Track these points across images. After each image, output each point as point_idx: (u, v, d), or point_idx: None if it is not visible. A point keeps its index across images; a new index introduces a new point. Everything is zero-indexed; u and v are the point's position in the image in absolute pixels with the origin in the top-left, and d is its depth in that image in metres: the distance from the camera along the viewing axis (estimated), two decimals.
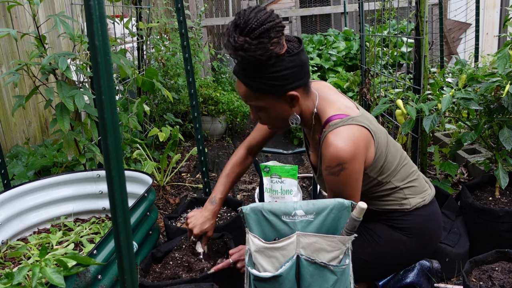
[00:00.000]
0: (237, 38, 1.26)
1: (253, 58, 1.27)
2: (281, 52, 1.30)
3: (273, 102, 1.39)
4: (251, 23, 1.25)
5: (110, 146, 0.92)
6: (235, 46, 1.26)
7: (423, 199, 1.56)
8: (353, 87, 4.28)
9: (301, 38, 1.39)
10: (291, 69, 1.33)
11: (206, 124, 4.42)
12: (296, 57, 1.33)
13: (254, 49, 1.25)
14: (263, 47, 1.25)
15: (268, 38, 1.25)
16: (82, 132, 2.35)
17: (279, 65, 1.31)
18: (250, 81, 1.35)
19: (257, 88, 1.35)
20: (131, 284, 1.03)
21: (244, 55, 1.26)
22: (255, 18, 1.25)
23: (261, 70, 1.31)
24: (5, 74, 2.16)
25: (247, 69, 1.33)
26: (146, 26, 3.73)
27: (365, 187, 1.51)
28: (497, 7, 6.65)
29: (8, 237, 1.99)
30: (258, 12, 1.27)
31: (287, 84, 1.34)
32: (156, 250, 1.85)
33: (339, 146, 1.34)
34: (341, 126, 1.37)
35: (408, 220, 1.53)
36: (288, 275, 1.29)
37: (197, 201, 2.39)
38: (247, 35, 1.25)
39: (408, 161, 1.59)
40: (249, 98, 1.40)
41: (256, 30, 1.25)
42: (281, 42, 1.30)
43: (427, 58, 2.36)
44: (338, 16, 7.80)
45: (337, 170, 1.36)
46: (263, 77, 1.32)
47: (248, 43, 1.25)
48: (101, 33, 0.86)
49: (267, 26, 1.25)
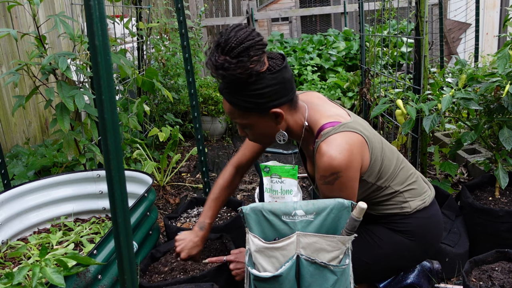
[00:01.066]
0: (217, 57, 1.28)
1: (234, 76, 1.28)
2: (262, 69, 1.30)
3: (257, 120, 1.39)
4: (230, 42, 1.26)
5: (110, 146, 0.92)
6: (216, 65, 1.28)
7: (423, 201, 1.55)
8: (353, 87, 4.28)
9: (284, 55, 1.39)
10: (273, 86, 1.33)
11: (206, 124, 4.42)
12: (278, 74, 1.33)
13: (233, 68, 1.26)
14: (242, 65, 1.26)
15: (248, 57, 1.26)
16: (82, 132, 2.36)
17: (260, 82, 1.31)
18: (233, 99, 1.36)
19: (240, 106, 1.36)
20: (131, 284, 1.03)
21: (225, 74, 1.28)
22: (235, 37, 1.27)
23: (243, 88, 1.32)
24: (5, 74, 2.16)
25: (229, 87, 1.34)
26: (146, 26, 3.73)
27: (364, 193, 1.50)
28: (497, 7, 6.66)
29: (8, 237, 1.99)
30: (238, 31, 1.28)
31: (269, 102, 1.34)
32: (155, 250, 1.85)
33: (332, 155, 1.33)
34: (333, 134, 1.36)
35: (409, 223, 1.53)
36: (288, 275, 1.29)
37: (197, 201, 2.40)
38: (227, 54, 1.27)
39: (406, 163, 1.58)
40: (234, 116, 1.41)
41: (236, 49, 1.26)
42: (261, 60, 1.30)
43: (427, 58, 2.36)
44: (338, 16, 7.81)
45: (331, 179, 1.35)
46: (244, 95, 1.33)
47: (228, 62, 1.26)
48: (101, 33, 0.86)
49: (246, 45, 1.26)
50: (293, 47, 5.68)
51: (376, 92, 3.34)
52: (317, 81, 4.82)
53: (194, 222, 2.19)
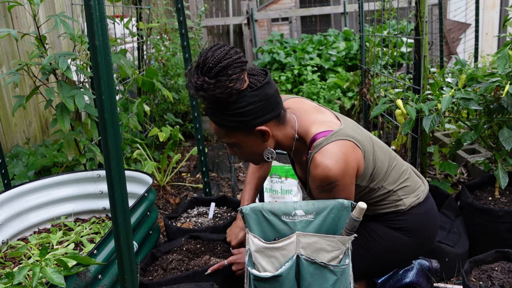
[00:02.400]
0: (197, 78, 1.28)
1: (214, 97, 1.27)
2: (242, 87, 1.29)
3: (243, 138, 1.38)
4: (208, 62, 1.26)
5: (110, 146, 0.92)
6: (196, 87, 1.28)
7: (418, 197, 1.56)
8: (353, 87, 4.28)
9: (267, 71, 1.38)
10: (255, 103, 1.31)
11: (206, 124, 4.42)
12: (260, 91, 1.31)
13: (213, 88, 1.25)
14: (221, 85, 1.25)
15: (226, 76, 1.25)
16: (82, 132, 2.36)
17: (241, 101, 1.30)
18: (217, 119, 1.35)
19: (224, 125, 1.35)
20: (131, 284, 1.03)
21: (205, 94, 1.27)
22: (212, 57, 1.26)
23: (224, 107, 1.31)
24: (6, 74, 2.16)
25: (212, 107, 1.34)
26: (146, 26, 3.73)
27: (358, 195, 1.50)
28: (497, 7, 6.66)
29: (8, 237, 1.99)
30: (215, 50, 1.28)
31: (253, 119, 1.33)
32: (156, 250, 1.86)
33: (328, 166, 1.32)
34: (326, 144, 1.35)
35: (405, 220, 1.54)
36: (288, 275, 1.29)
37: (197, 201, 2.40)
38: (205, 75, 1.26)
39: (398, 161, 1.58)
40: (220, 135, 1.40)
41: (213, 69, 1.25)
42: (241, 78, 1.29)
43: (427, 58, 2.36)
44: (338, 16, 7.81)
45: (328, 188, 1.35)
46: (227, 114, 1.32)
47: (206, 83, 1.26)
48: (101, 33, 0.86)
49: (223, 64, 1.25)
50: (293, 47, 5.68)
51: (376, 92, 3.34)
52: (317, 81, 4.82)
53: (194, 222, 2.19)
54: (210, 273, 1.63)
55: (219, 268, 1.64)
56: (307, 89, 4.66)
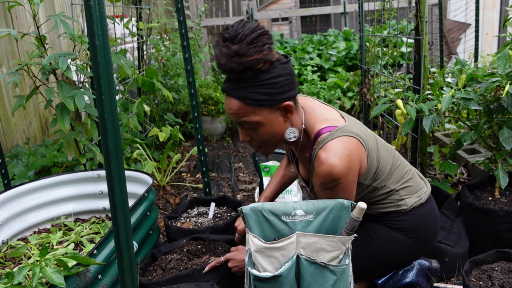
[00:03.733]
0: (230, 46, 1.27)
1: (249, 63, 1.25)
2: (273, 59, 1.31)
3: (267, 116, 1.34)
4: (242, 31, 1.26)
5: (110, 146, 0.92)
6: (229, 54, 1.26)
7: (420, 198, 1.56)
8: (353, 87, 4.28)
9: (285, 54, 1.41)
10: (285, 76, 1.32)
11: (206, 124, 4.42)
12: (286, 65, 1.34)
13: (249, 53, 1.25)
14: (258, 50, 1.26)
15: (262, 43, 1.27)
16: (82, 132, 2.36)
17: (273, 71, 1.30)
18: (244, 93, 1.31)
19: (251, 99, 1.31)
20: (131, 284, 1.03)
21: (240, 60, 1.25)
22: (245, 27, 1.28)
23: (255, 77, 1.29)
24: (6, 74, 2.16)
25: (240, 80, 1.30)
26: (146, 26, 3.73)
27: (360, 194, 1.50)
28: (497, 7, 6.66)
29: (8, 237, 1.99)
30: (244, 23, 1.29)
31: (282, 93, 1.33)
32: (156, 250, 1.86)
33: (333, 163, 1.32)
34: (330, 140, 1.36)
35: (406, 220, 1.54)
36: (288, 275, 1.29)
37: (197, 201, 2.40)
38: (240, 42, 1.26)
39: (401, 161, 1.58)
40: (242, 114, 1.34)
41: (249, 36, 1.26)
42: (272, 49, 1.31)
43: (427, 58, 2.36)
44: (338, 16, 7.81)
45: (332, 185, 1.36)
46: (257, 85, 1.30)
47: (242, 48, 1.25)
48: (101, 33, 0.86)
49: (258, 32, 1.27)
50: (293, 47, 5.68)
51: (376, 92, 3.34)
52: (317, 81, 4.82)
53: (194, 222, 2.19)
54: (208, 271, 1.63)
55: (216, 266, 1.65)
56: (307, 89, 4.66)
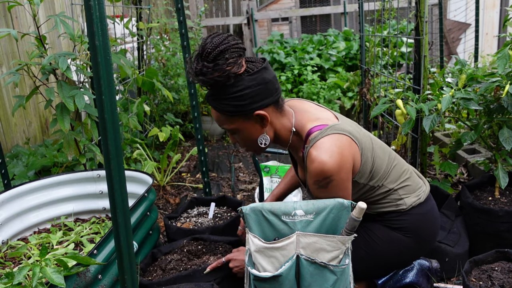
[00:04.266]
0: (196, 64, 1.34)
1: (212, 80, 1.32)
2: (240, 71, 1.34)
3: (242, 124, 1.41)
4: (206, 48, 1.32)
5: (110, 146, 0.92)
6: (195, 72, 1.34)
7: (418, 197, 1.56)
8: (353, 87, 4.28)
9: (266, 59, 1.43)
10: (253, 87, 1.35)
11: (206, 124, 4.42)
12: (256, 75, 1.36)
13: (211, 72, 1.31)
14: (219, 68, 1.31)
15: (224, 59, 1.31)
16: (82, 132, 2.36)
17: (239, 84, 1.34)
18: (217, 104, 1.39)
19: (224, 110, 1.39)
20: (131, 284, 1.03)
21: (204, 78, 1.33)
22: (211, 42, 1.32)
23: (223, 91, 1.36)
24: (6, 74, 2.16)
25: (212, 93, 1.39)
26: (146, 26, 3.73)
27: (358, 193, 1.50)
28: (497, 7, 6.66)
29: (8, 237, 1.99)
30: (214, 37, 1.34)
31: (251, 103, 1.37)
32: (156, 250, 1.86)
33: (323, 160, 1.34)
34: (321, 138, 1.37)
35: (405, 220, 1.54)
36: (288, 275, 1.29)
37: (197, 201, 2.39)
38: (204, 60, 1.32)
39: (399, 160, 1.58)
40: (221, 122, 1.44)
41: (211, 54, 1.31)
42: (238, 63, 1.34)
43: (427, 58, 2.36)
44: (338, 16, 7.81)
45: (325, 183, 1.36)
46: (226, 98, 1.36)
47: (205, 67, 1.32)
48: (101, 33, 0.86)
49: (220, 48, 1.31)
50: (293, 47, 5.68)
51: (376, 92, 3.34)
52: (317, 81, 4.82)
53: (194, 222, 2.19)
54: (209, 271, 1.63)
55: (218, 266, 1.64)
56: (307, 89, 4.66)
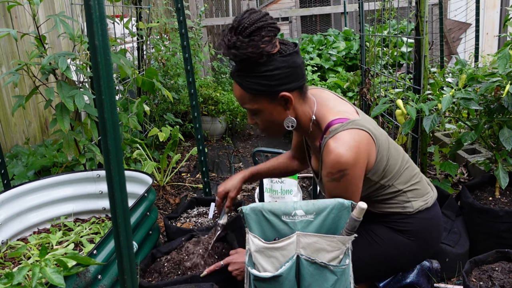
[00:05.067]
0: (230, 37, 1.31)
1: (245, 55, 1.30)
2: (273, 51, 1.33)
3: (266, 104, 1.40)
4: (243, 23, 1.30)
5: (110, 146, 0.92)
6: (228, 45, 1.31)
7: (426, 202, 1.55)
8: (353, 87, 4.28)
9: (297, 43, 1.41)
10: (283, 69, 1.34)
11: (206, 124, 4.42)
12: (288, 58, 1.35)
13: (245, 46, 1.29)
14: (254, 44, 1.29)
15: (259, 36, 1.29)
16: (82, 132, 2.36)
17: (270, 64, 1.33)
18: (244, 81, 1.37)
19: (250, 88, 1.37)
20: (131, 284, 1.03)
21: (236, 52, 1.30)
22: (248, 18, 1.30)
23: (253, 69, 1.34)
24: (5, 74, 2.16)
25: (240, 68, 1.36)
26: (146, 26, 3.73)
27: (367, 190, 1.50)
28: (497, 7, 6.66)
29: (8, 237, 1.99)
30: (252, 13, 1.32)
31: (279, 85, 1.36)
32: (156, 250, 1.85)
33: (340, 152, 1.33)
34: (341, 131, 1.37)
35: (411, 223, 1.53)
36: (288, 275, 1.29)
37: (197, 201, 2.39)
38: (239, 34, 1.30)
39: (411, 163, 1.58)
40: (244, 101, 1.41)
41: (248, 29, 1.29)
42: (272, 42, 1.32)
43: (427, 58, 2.36)
44: (338, 16, 7.80)
45: (338, 176, 1.36)
46: (255, 76, 1.35)
47: (240, 41, 1.29)
48: (101, 33, 0.86)
49: (258, 25, 1.29)
50: None
51: (376, 92, 3.34)
52: (317, 81, 4.82)
53: (194, 222, 2.19)
54: (206, 274, 1.62)
55: (216, 269, 1.64)
56: None
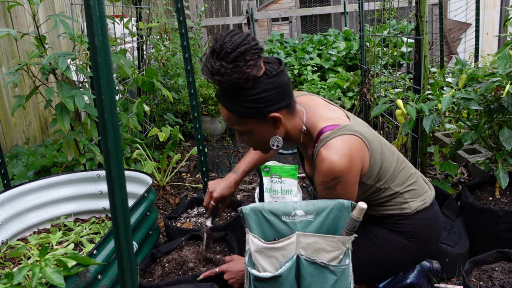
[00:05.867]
0: (213, 63, 1.27)
1: (230, 82, 1.27)
2: (259, 74, 1.29)
3: (255, 125, 1.38)
4: (226, 47, 1.25)
5: (110, 146, 0.92)
6: (212, 71, 1.27)
7: (424, 201, 1.55)
8: (353, 87, 4.28)
9: (281, 60, 1.38)
10: (270, 91, 1.32)
11: (206, 124, 4.42)
12: (275, 78, 1.32)
13: (230, 73, 1.25)
14: (238, 70, 1.25)
15: (244, 61, 1.25)
16: (82, 132, 2.36)
17: (257, 87, 1.30)
18: (231, 105, 1.34)
19: (238, 111, 1.34)
20: (131, 284, 1.03)
21: (221, 79, 1.27)
22: (230, 42, 1.26)
23: (240, 93, 1.31)
24: (5, 74, 2.16)
25: (226, 93, 1.33)
26: (146, 26, 3.73)
27: (364, 194, 1.49)
28: (497, 7, 6.66)
29: (8, 237, 1.99)
30: (233, 36, 1.27)
31: (267, 107, 1.33)
32: (156, 250, 1.85)
33: (333, 160, 1.32)
34: (332, 138, 1.36)
35: (409, 224, 1.52)
36: (288, 275, 1.29)
37: (197, 201, 2.39)
38: (222, 59, 1.26)
39: (406, 164, 1.58)
40: (232, 122, 1.39)
41: (231, 54, 1.25)
42: (258, 65, 1.29)
43: (427, 58, 2.36)
44: (338, 16, 7.80)
45: (332, 184, 1.35)
46: (242, 100, 1.32)
47: (224, 67, 1.25)
48: (101, 33, 0.86)
49: (241, 49, 1.25)
50: (293, 47, 5.68)
51: (376, 92, 3.34)
52: (317, 81, 4.82)
53: (194, 222, 2.19)
54: (202, 279, 1.62)
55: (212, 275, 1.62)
56: (307, 89, 4.66)
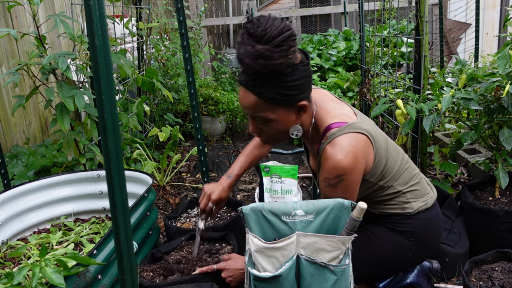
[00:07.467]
0: (255, 46, 1.23)
1: (274, 66, 1.24)
2: (297, 61, 1.29)
3: (282, 114, 1.35)
4: (270, 32, 1.22)
5: (110, 146, 0.92)
6: (255, 55, 1.22)
7: (426, 202, 1.55)
8: (353, 87, 4.28)
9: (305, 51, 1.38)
10: (304, 78, 1.31)
11: (206, 124, 4.42)
12: (308, 66, 1.32)
13: (276, 57, 1.22)
14: (284, 55, 1.23)
15: (288, 47, 1.23)
16: (82, 132, 2.36)
17: (294, 74, 1.29)
18: (264, 91, 1.30)
19: (270, 98, 1.31)
20: (131, 284, 1.03)
21: (266, 63, 1.23)
22: (273, 26, 1.23)
23: (276, 79, 1.28)
24: (5, 74, 2.16)
25: (261, 78, 1.28)
26: (146, 26, 3.73)
27: (366, 191, 1.49)
28: (497, 7, 6.66)
29: (8, 237, 1.99)
30: (274, 20, 1.25)
31: (299, 94, 1.33)
32: (156, 250, 1.85)
33: (338, 158, 1.32)
34: (339, 135, 1.36)
35: (410, 224, 1.52)
36: (288, 275, 1.29)
37: (197, 201, 2.39)
38: (266, 43, 1.22)
39: (410, 164, 1.58)
40: (258, 110, 1.34)
41: (276, 38, 1.22)
42: (296, 52, 1.28)
43: (427, 58, 2.36)
44: (338, 16, 7.80)
45: (335, 181, 1.35)
46: (278, 86, 1.29)
47: (269, 51, 1.22)
48: (101, 33, 0.86)
49: (286, 35, 1.23)
50: None
51: (376, 92, 3.34)
52: (317, 81, 4.82)
53: (194, 222, 2.19)
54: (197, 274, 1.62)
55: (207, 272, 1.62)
56: None
